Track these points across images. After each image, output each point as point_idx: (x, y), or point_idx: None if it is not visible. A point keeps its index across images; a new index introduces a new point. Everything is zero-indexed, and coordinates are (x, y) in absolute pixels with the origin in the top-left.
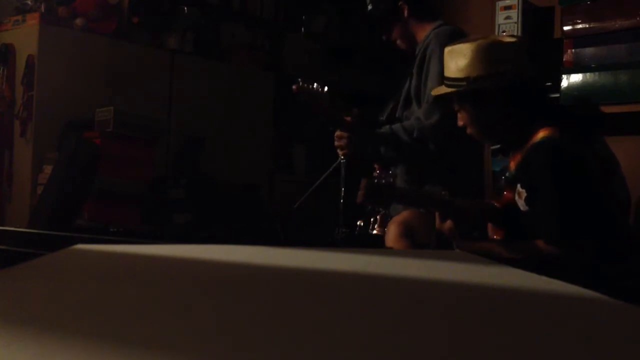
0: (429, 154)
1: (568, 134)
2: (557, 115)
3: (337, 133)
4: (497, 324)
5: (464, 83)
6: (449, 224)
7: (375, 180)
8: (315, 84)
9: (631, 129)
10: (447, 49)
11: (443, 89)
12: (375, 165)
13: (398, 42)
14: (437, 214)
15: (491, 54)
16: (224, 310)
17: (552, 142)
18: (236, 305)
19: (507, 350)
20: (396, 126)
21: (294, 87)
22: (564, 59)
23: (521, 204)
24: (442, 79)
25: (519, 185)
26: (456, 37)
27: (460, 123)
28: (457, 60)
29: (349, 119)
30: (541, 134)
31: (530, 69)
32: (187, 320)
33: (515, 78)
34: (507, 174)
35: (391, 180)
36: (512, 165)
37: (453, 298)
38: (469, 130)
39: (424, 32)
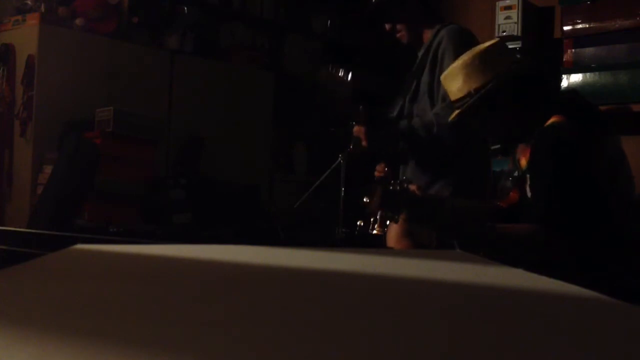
0: (445, 150)
1: (574, 122)
2: (566, 105)
3: (355, 128)
4: (498, 324)
5: (468, 99)
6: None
7: (391, 187)
8: (342, 71)
9: (631, 129)
10: (442, 77)
11: (455, 113)
12: (378, 167)
13: (402, 32)
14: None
15: (478, 64)
16: (223, 310)
17: (556, 127)
18: (236, 305)
19: (507, 350)
20: (415, 121)
21: (321, 73)
22: (564, 59)
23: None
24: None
25: (528, 176)
26: (465, 34)
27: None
28: (453, 83)
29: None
30: (549, 122)
31: (526, 65)
32: (187, 320)
33: (512, 75)
34: (515, 173)
35: (405, 186)
36: (524, 161)
37: (453, 298)
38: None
39: (430, 29)
